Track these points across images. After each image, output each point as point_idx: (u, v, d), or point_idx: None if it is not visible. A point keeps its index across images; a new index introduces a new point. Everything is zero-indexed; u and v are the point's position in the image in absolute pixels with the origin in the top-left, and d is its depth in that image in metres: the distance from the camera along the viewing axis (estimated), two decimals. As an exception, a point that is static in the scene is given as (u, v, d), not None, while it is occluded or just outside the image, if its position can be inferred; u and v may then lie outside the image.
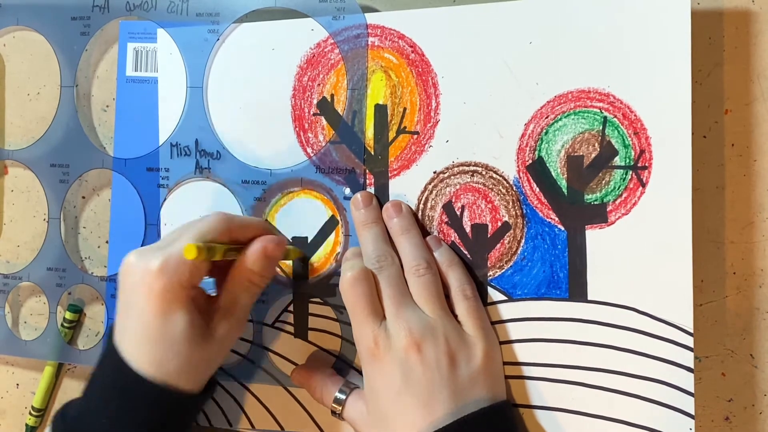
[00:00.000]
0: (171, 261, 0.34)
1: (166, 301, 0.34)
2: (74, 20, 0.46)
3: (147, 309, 0.34)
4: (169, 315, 0.35)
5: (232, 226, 0.37)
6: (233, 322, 0.37)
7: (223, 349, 0.38)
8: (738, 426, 0.39)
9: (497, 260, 0.39)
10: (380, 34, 0.41)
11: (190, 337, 0.35)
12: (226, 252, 0.35)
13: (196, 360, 0.36)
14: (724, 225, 0.39)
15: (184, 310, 0.35)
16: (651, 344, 0.36)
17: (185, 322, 0.35)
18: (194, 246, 0.32)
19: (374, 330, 0.36)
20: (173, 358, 0.35)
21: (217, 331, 0.37)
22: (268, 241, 0.37)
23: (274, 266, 0.38)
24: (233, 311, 0.37)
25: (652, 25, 0.36)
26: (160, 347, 0.35)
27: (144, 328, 0.35)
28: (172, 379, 0.35)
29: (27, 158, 0.47)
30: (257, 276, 0.37)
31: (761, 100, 0.39)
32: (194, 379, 0.36)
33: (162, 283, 0.34)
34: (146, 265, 0.34)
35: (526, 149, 0.38)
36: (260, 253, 0.36)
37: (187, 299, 0.35)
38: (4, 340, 0.48)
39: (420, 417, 0.34)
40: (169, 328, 0.35)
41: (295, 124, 0.42)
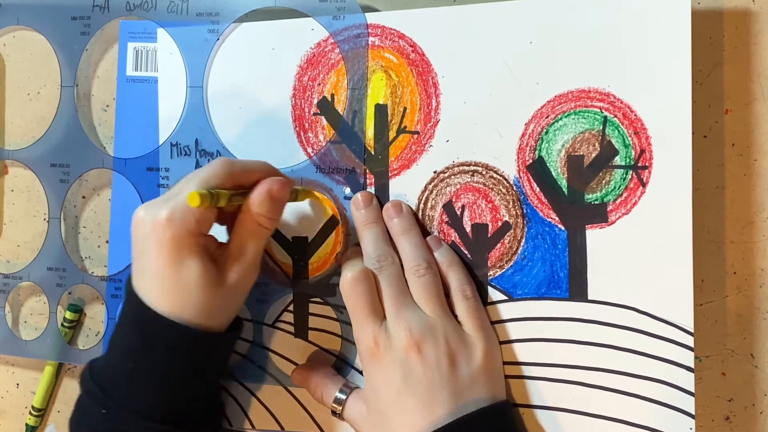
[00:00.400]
0: (177, 210, 0.35)
1: (176, 250, 0.35)
2: (74, 20, 0.46)
3: (159, 259, 0.35)
4: (181, 263, 0.35)
5: (235, 170, 0.37)
6: (245, 267, 0.37)
7: (237, 295, 0.38)
8: (738, 426, 0.39)
9: (497, 260, 0.39)
10: (380, 33, 0.41)
11: (203, 283, 0.35)
12: (231, 197, 0.35)
13: (212, 305, 0.36)
14: (725, 225, 0.39)
15: (196, 257, 0.35)
16: (651, 344, 0.36)
17: (197, 269, 0.35)
18: (197, 193, 0.33)
19: (374, 330, 0.36)
20: (189, 304, 0.35)
21: (230, 277, 0.36)
22: (273, 182, 0.36)
23: (281, 208, 0.37)
24: (244, 256, 0.37)
25: (652, 24, 0.36)
26: (175, 295, 0.35)
27: (158, 278, 0.35)
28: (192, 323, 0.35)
29: (27, 158, 0.47)
30: (264, 218, 0.37)
31: (761, 99, 0.39)
32: (212, 323, 0.37)
33: (171, 232, 0.35)
34: (154, 216, 0.35)
35: (527, 149, 0.38)
36: (265, 195, 0.36)
37: (197, 247, 0.35)
38: (4, 340, 0.48)
39: (420, 417, 0.34)
40: (182, 276, 0.35)
41: (296, 123, 0.42)
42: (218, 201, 0.34)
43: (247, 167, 0.38)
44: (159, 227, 0.35)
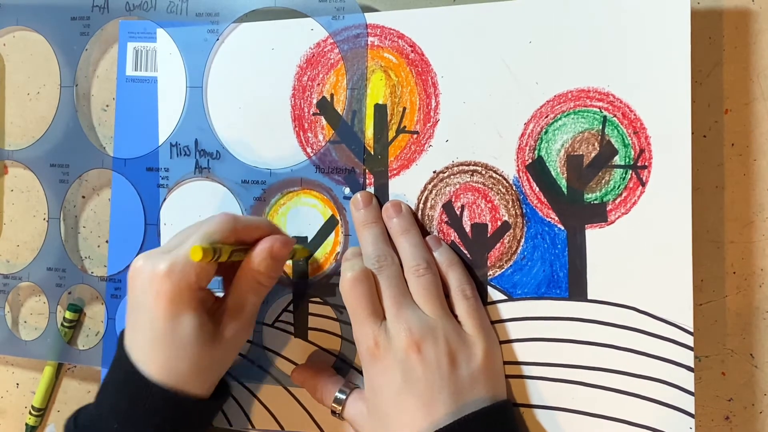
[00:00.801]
0: (178, 263, 0.34)
1: (174, 304, 0.35)
2: (74, 20, 0.46)
3: (155, 312, 0.35)
4: (177, 317, 0.35)
5: (238, 226, 0.37)
6: (242, 323, 0.37)
7: (231, 351, 0.38)
8: (738, 425, 0.39)
9: (497, 260, 0.39)
10: (380, 33, 0.41)
11: (199, 339, 0.35)
12: (232, 253, 0.35)
13: (206, 362, 0.36)
14: (724, 225, 0.39)
15: (193, 312, 0.35)
16: (651, 343, 0.36)
17: (194, 324, 0.35)
18: (200, 247, 0.33)
19: (374, 330, 0.36)
20: (183, 360, 0.35)
21: (226, 333, 0.37)
22: (275, 241, 0.37)
23: (280, 266, 0.38)
24: (241, 312, 0.37)
25: (651, 24, 0.36)
26: (169, 350, 0.35)
27: (153, 331, 0.35)
28: (181, 382, 0.35)
29: (27, 158, 0.47)
30: (264, 276, 0.37)
31: (761, 99, 0.39)
32: (204, 381, 0.36)
33: (169, 285, 0.34)
34: (153, 268, 0.35)
35: (526, 149, 0.38)
36: (266, 253, 0.36)
37: (195, 301, 0.35)
38: (4, 340, 0.48)
39: (420, 417, 0.34)
40: (177, 330, 0.35)
41: (295, 123, 0.42)
42: (220, 256, 0.34)
43: (251, 224, 0.38)
44: (157, 279, 0.34)
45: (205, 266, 0.35)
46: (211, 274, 0.36)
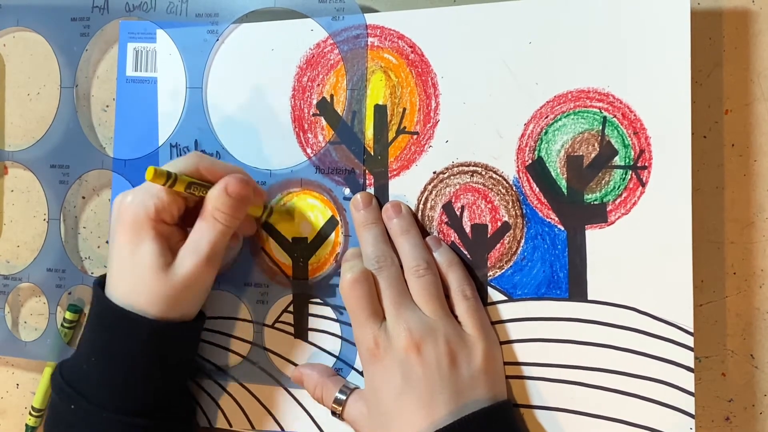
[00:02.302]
0: (139, 194, 0.37)
1: (133, 231, 0.37)
2: (74, 21, 0.46)
3: (119, 239, 0.37)
4: (137, 245, 0.37)
5: (202, 163, 0.38)
6: (199, 260, 0.37)
7: (192, 288, 0.38)
8: (738, 426, 0.39)
9: (497, 260, 0.39)
10: (380, 34, 0.41)
11: (154, 267, 0.36)
12: (189, 184, 0.36)
13: (163, 293, 0.36)
14: (724, 225, 0.39)
15: (151, 241, 0.36)
16: (651, 344, 0.36)
17: (151, 252, 0.36)
18: (153, 168, 0.34)
19: (374, 331, 0.36)
20: (141, 287, 0.36)
21: (183, 264, 0.37)
22: (232, 179, 0.37)
23: (238, 206, 0.37)
24: (199, 248, 0.37)
25: (651, 24, 0.36)
26: (129, 275, 0.37)
27: (117, 260, 0.37)
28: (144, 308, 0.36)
29: (27, 159, 0.47)
30: (220, 213, 0.37)
31: (761, 100, 0.39)
32: (165, 311, 0.37)
33: (130, 214, 0.37)
34: (122, 200, 0.37)
35: (526, 149, 0.38)
36: (221, 190, 0.37)
37: (154, 232, 0.37)
38: (4, 341, 0.48)
39: (421, 417, 0.34)
40: (136, 257, 0.37)
41: (295, 124, 0.42)
42: (175, 183, 0.35)
43: (216, 164, 0.39)
44: (122, 209, 0.37)
45: (166, 199, 0.37)
46: (174, 209, 0.37)
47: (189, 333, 0.40)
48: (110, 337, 0.37)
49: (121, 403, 0.37)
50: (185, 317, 0.39)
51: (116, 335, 0.37)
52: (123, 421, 0.36)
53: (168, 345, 0.38)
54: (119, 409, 0.36)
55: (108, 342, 0.37)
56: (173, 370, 0.39)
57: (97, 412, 0.36)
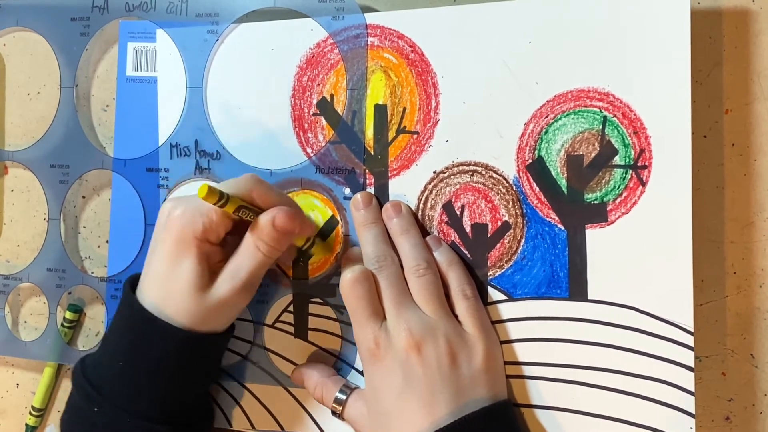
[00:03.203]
0: (189, 209, 0.36)
1: (177, 247, 0.36)
2: (74, 21, 0.46)
3: (162, 252, 0.37)
4: (178, 260, 0.36)
5: (257, 189, 0.37)
6: (237, 285, 0.37)
7: (225, 310, 0.38)
8: (738, 426, 0.39)
9: (497, 260, 0.39)
10: (380, 34, 0.41)
11: (192, 285, 0.36)
12: (240, 208, 0.35)
13: (196, 312, 0.36)
14: (724, 225, 0.39)
15: (193, 260, 0.36)
16: (651, 343, 0.36)
17: (191, 269, 0.36)
18: (207, 186, 0.33)
19: (375, 330, 0.36)
20: (176, 300, 0.36)
21: (218, 289, 0.37)
22: (280, 212, 0.36)
23: (282, 239, 0.37)
24: (237, 273, 0.37)
25: (651, 24, 0.36)
26: (165, 286, 0.37)
27: (157, 271, 0.37)
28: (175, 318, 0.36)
29: (27, 159, 0.47)
30: (263, 244, 0.37)
31: (761, 99, 0.39)
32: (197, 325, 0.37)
33: (178, 228, 0.36)
34: (171, 210, 0.37)
35: (526, 149, 0.38)
36: (269, 222, 0.36)
37: (198, 251, 0.36)
38: (4, 341, 0.48)
39: (421, 417, 0.34)
40: (176, 272, 0.36)
41: (295, 124, 0.42)
42: (226, 203, 0.34)
43: (271, 191, 0.38)
44: (171, 221, 0.37)
45: (216, 220, 0.36)
46: (221, 230, 0.37)
47: (217, 345, 0.40)
48: (139, 342, 0.36)
49: (146, 409, 0.36)
50: (214, 331, 0.38)
51: (146, 341, 0.36)
52: (146, 428, 0.36)
53: (196, 355, 0.38)
54: (143, 415, 0.36)
55: (137, 347, 0.37)
56: (198, 380, 0.39)
57: (121, 417, 0.36)
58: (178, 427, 0.37)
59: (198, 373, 0.39)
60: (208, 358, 0.40)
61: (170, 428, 0.37)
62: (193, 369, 0.38)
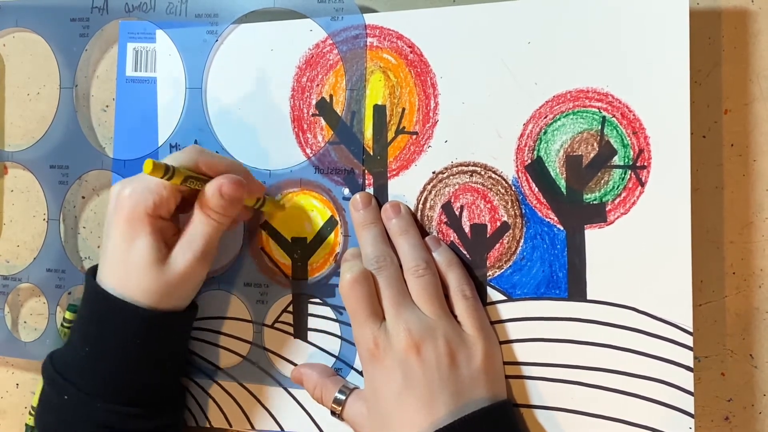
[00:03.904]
0: (138, 187, 0.37)
1: (130, 226, 0.36)
2: (73, 21, 0.46)
3: (116, 234, 0.37)
4: (132, 239, 0.36)
5: (201, 158, 0.38)
6: (194, 254, 0.37)
7: (185, 282, 0.38)
8: (738, 426, 0.39)
9: (496, 260, 0.39)
10: (379, 34, 0.41)
11: (149, 261, 0.36)
12: (187, 178, 0.36)
13: (156, 288, 0.37)
14: (724, 225, 0.39)
15: (147, 236, 0.36)
16: (650, 343, 0.36)
17: (146, 246, 0.36)
18: (151, 161, 0.33)
19: (374, 331, 0.36)
20: (134, 283, 0.36)
21: (176, 260, 0.37)
22: (226, 179, 0.36)
23: (232, 206, 0.37)
24: (193, 243, 0.37)
25: (650, 24, 0.36)
26: (122, 272, 0.37)
27: (111, 253, 0.37)
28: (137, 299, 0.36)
29: (27, 160, 0.47)
30: (213, 212, 0.37)
31: (760, 99, 0.39)
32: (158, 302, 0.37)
33: (128, 208, 0.36)
34: (120, 191, 0.37)
35: (525, 149, 0.38)
36: (215, 190, 0.36)
37: (151, 227, 0.37)
38: (4, 342, 0.48)
39: (421, 417, 0.34)
40: (132, 251, 0.36)
41: (294, 124, 0.42)
42: (173, 176, 0.35)
43: (215, 158, 0.38)
44: (120, 201, 0.37)
45: (165, 194, 0.36)
46: (171, 204, 0.37)
47: (181, 323, 0.41)
48: (103, 326, 0.37)
49: (114, 392, 0.37)
50: (177, 308, 0.39)
51: (109, 324, 0.37)
52: (115, 410, 0.37)
53: (161, 335, 0.38)
54: (111, 398, 0.37)
55: (101, 331, 0.37)
56: (165, 360, 0.39)
57: (89, 402, 0.36)
58: (148, 409, 0.38)
59: (163, 352, 0.39)
60: (172, 337, 0.40)
61: (141, 410, 0.37)
62: (158, 349, 0.38)
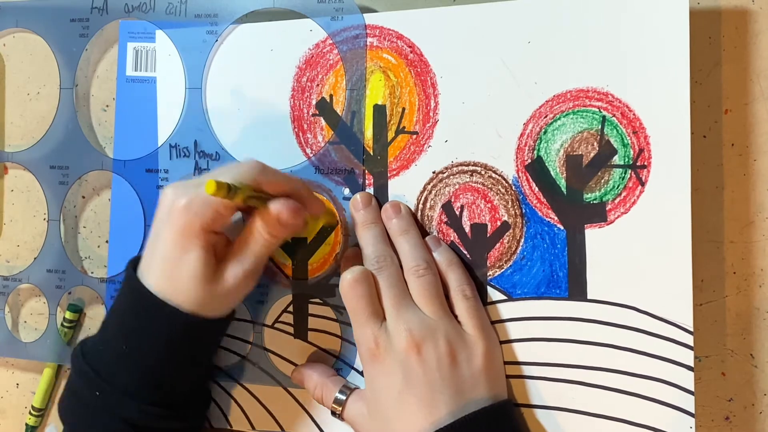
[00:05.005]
0: (196, 201, 0.36)
1: (184, 238, 0.36)
2: (73, 22, 0.46)
3: (167, 242, 0.36)
4: (185, 251, 0.36)
5: (263, 177, 0.37)
6: (243, 272, 0.37)
7: (230, 297, 0.38)
8: (738, 425, 0.39)
9: (497, 260, 0.39)
10: (379, 34, 0.41)
11: (199, 277, 0.36)
12: (248, 198, 0.35)
13: (202, 301, 0.36)
14: (724, 225, 0.39)
15: (200, 250, 0.36)
16: (651, 343, 0.36)
17: (198, 260, 0.36)
18: (214, 182, 0.33)
19: (375, 331, 0.36)
20: (182, 287, 0.36)
21: (226, 278, 0.37)
22: (285, 207, 0.36)
23: (287, 231, 0.37)
24: (244, 260, 0.37)
25: (650, 24, 0.36)
26: (171, 272, 0.36)
27: (162, 260, 0.37)
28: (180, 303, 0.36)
29: (26, 160, 0.47)
30: (268, 235, 0.37)
31: (761, 99, 0.39)
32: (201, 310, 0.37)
33: (184, 220, 0.36)
34: (175, 200, 0.36)
35: (525, 149, 0.38)
36: (274, 216, 0.36)
37: (205, 241, 0.36)
38: (4, 342, 0.48)
39: (422, 417, 0.34)
40: (183, 263, 0.36)
41: (294, 124, 0.42)
42: (235, 195, 0.34)
43: (278, 177, 0.38)
44: (176, 212, 0.36)
45: (222, 209, 0.36)
46: (228, 219, 0.37)
47: (220, 329, 0.40)
48: (144, 325, 0.37)
49: (148, 393, 0.37)
50: (218, 316, 0.38)
51: (151, 325, 0.36)
52: (147, 410, 0.36)
53: (201, 339, 0.38)
54: (145, 398, 0.36)
55: (141, 330, 0.37)
56: (200, 363, 0.40)
57: (123, 401, 0.36)
58: (178, 410, 0.38)
59: (200, 357, 0.39)
60: (210, 342, 0.40)
61: (171, 412, 0.37)
62: (196, 353, 0.38)
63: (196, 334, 0.37)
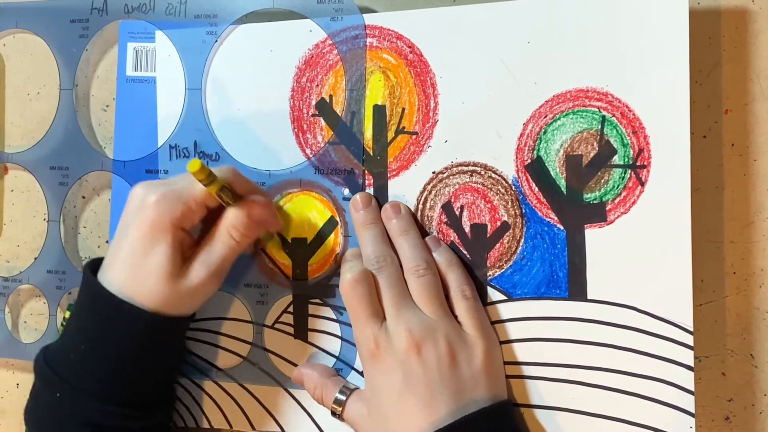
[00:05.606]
0: (168, 196, 0.36)
1: (153, 232, 0.36)
2: (73, 23, 0.46)
3: (135, 237, 0.37)
4: (153, 245, 0.36)
5: (236, 179, 0.38)
6: (208, 271, 0.37)
7: (194, 296, 0.38)
8: (738, 426, 0.39)
9: (497, 260, 0.39)
10: (378, 34, 0.41)
11: (165, 271, 0.36)
12: (221, 189, 0.36)
13: (166, 298, 0.37)
14: (724, 225, 0.39)
15: (168, 245, 0.36)
16: (651, 343, 0.36)
17: (165, 255, 0.36)
18: (199, 162, 0.33)
19: (375, 331, 0.36)
20: (146, 285, 0.36)
21: (193, 275, 0.37)
22: (256, 204, 0.37)
23: (256, 230, 0.38)
24: (212, 261, 0.37)
25: (650, 24, 0.36)
26: (135, 271, 0.37)
27: (128, 255, 0.37)
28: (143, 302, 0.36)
29: (26, 161, 0.47)
30: (237, 232, 0.37)
31: (761, 99, 0.39)
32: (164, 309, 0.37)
33: (155, 214, 0.36)
34: (145, 197, 0.37)
35: (525, 149, 0.38)
36: (245, 212, 0.37)
37: (173, 236, 0.36)
38: (4, 343, 0.48)
39: (421, 417, 0.34)
40: (149, 258, 0.36)
41: (294, 125, 0.42)
42: (212, 182, 0.35)
43: (249, 183, 0.39)
44: (146, 207, 0.36)
45: (192, 205, 0.37)
46: (196, 217, 0.37)
47: (182, 328, 0.41)
48: (104, 326, 0.37)
49: (110, 392, 0.37)
50: (182, 315, 0.39)
51: (111, 325, 0.37)
52: (109, 410, 0.36)
53: (163, 339, 0.38)
54: (106, 398, 0.37)
55: (101, 331, 0.37)
56: (163, 363, 0.40)
57: (83, 401, 0.36)
58: (141, 410, 0.38)
59: (163, 356, 0.39)
60: (173, 341, 0.40)
61: (135, 412, 0.37)
62: (158, 352, 0.38)
63: (157, 334, 0.37)
